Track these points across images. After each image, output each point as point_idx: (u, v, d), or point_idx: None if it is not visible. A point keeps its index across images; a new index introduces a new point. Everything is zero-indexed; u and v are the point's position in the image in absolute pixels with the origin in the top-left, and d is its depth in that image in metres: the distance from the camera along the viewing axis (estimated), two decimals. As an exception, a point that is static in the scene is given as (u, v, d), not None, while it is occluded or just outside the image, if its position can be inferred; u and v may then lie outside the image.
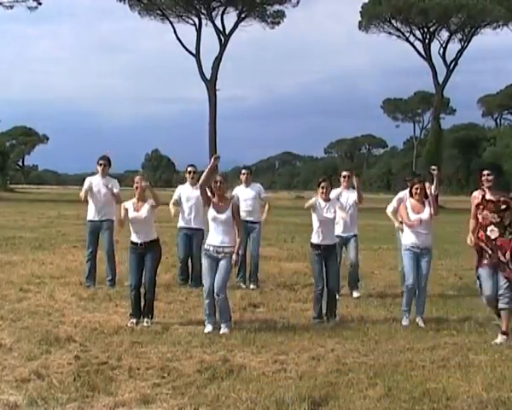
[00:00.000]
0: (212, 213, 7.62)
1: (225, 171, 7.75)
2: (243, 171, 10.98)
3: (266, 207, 11.06)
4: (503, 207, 7.27)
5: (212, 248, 7.57)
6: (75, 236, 17.50)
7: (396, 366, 6.19)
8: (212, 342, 6.98)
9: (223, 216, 7.57)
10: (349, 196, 9.88)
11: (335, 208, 8.31)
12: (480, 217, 7.36)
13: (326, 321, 8.07)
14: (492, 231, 7.26)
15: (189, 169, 10.69)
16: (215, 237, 7.60)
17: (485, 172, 7.34)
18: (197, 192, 10.40)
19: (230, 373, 5.86)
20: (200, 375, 5.80)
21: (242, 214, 10.69)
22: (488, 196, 7.35)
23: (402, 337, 7.39)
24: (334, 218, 8.37)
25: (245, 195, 10.76)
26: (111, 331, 7.32)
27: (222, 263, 7.54)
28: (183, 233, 10.64)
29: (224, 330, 7.39)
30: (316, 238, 8.22)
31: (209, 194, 7.69)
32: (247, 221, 10.67)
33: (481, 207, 7.36)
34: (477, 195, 7.48)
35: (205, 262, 7.64)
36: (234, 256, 7.54)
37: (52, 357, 6.26)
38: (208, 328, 7.46)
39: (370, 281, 11.34)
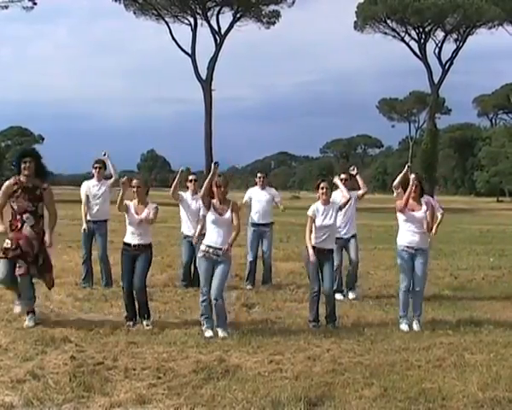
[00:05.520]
0: (212, 216, 7.49)
1: (222, 172, 7.64)
2: (259, 175, 11.05)
3: (281, 207, 11.07)
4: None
5: (211, 250, 7.45)
6: (70, 236, 17.44)
7: (392, 366, 6.19)
8: (208, 342, 6.97)
9: (224, 218, 7.47)
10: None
11: (335, 214, 8.11)
12: None
13: (326, 325, 7.91)
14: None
15: (190, 177, 10.49)
16: (215, 239, 7.46)
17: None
18: (197, 198, 10.36)
19: (226, 373, 5.86)
20: (196, 375, 5.80)
21: (256, 216, 10.81)
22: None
23: (398, 337, 7.40)
24: (334, 224, 8.19)
25: (259, 196, 10.81)
26: (106, 332, 7.30)
27: (220, 267, 7.42)
28: (188, 240, 10.44)
29: (222, 333, 7.32)
30: (312, 240, 8.03)
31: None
32: (258, 224, 10.76)
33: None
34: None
35: (202, 265, 7.51)
36: (226, 245, 7.39)
37: (48, 358, 6.24)
38: (209, 333, 7.33)
39: (366, 281, 11.34)
